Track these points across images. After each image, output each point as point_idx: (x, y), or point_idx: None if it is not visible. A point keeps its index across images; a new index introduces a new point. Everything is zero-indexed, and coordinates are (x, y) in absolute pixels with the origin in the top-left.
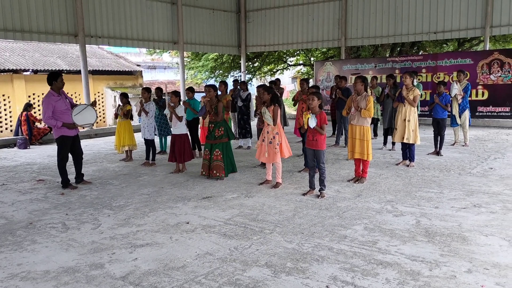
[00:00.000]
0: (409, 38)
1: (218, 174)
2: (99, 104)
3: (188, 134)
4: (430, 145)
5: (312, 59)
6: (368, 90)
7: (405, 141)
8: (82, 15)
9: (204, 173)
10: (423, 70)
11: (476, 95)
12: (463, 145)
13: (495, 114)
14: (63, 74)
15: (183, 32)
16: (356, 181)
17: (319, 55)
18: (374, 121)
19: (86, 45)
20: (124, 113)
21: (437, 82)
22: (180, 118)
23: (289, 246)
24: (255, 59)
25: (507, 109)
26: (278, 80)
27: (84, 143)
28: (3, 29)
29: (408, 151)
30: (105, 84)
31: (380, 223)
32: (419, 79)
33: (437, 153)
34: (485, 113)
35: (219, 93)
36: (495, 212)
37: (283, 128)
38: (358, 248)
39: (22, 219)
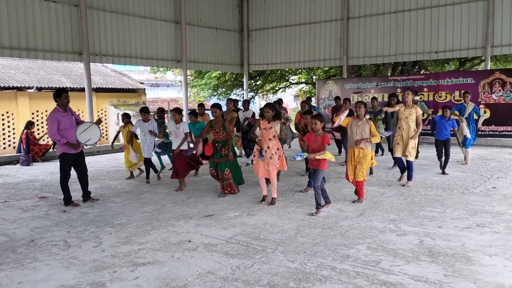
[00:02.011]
0: (411, 57)
1: (232, 192)
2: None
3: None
4: (432, 164)
5: (314, 77)
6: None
7: (404, 157)
8: (87, 34)
9: (226, 191)
10: (425, 89)
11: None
12: (463, 164)
13: (498, 133)
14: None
15: (187, 51)
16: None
17: (321, 73)
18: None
19: (90, 63)
20: (128, 138)
21: (442, 106)
22: (188, 135)
23: (292, 265)
24: (258, 77)
25: (510, 128)
26: (280, 99)
27: (86, 160)
28: (9, 47)
29: (406, 169)
30: (109, 101)
31: (383, 243)
32: (421, 98)
33: (443, 172)
34: (487, 132)
35: (224, 109)
36: (499, 232)
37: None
38: (361, 268)
39: (23, 237)
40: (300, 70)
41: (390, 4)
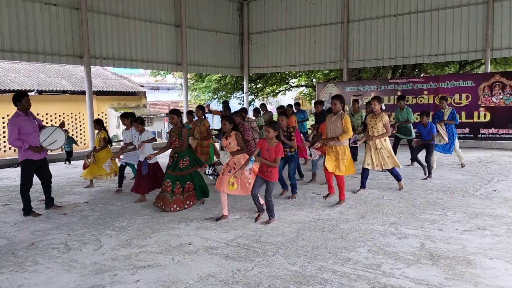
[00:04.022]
0: (411, 60)
1: (178, 208)
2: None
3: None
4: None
5: (314, 80)
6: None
7: (383, 168)
8: (87, 37)
9: (159, 204)
10: (425, 92)
11: (479, 117)
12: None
13: (498, 136)
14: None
15: (187, 54)
16: (327, 197)
17: (321, 76)
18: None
19: (91, 66)
20: (99, 145)
21: (420, 113)
22: (153, 140)
23: (292, 268)
24: (258, 80)
25: (510, 131)
26: (263, 105)
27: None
28: (10, 50)
29: (392, 174)
30: (109, 104)
31: (384, 246)
32: (420, 101)
33: (427, 178)
34: (487, 135)
35: (195, 118)
36: (500, 235)
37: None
38: (362, 271)
39: (24, 240)
40: (300, 73)
41: (390, 8)
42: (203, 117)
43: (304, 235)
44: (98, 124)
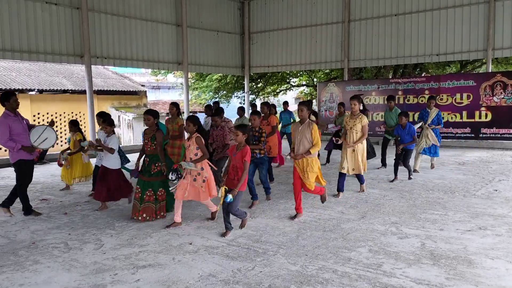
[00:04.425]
0: (412, 60)
1: (148, 218)
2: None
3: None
4: (427, 166)
5: (315, 80)
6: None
7: (354, 172)
8: (88, 36)
9: (134, 217)
10: (426, 92)
11: (480, 117)
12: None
13: (499, 135)
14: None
15: (188, 53)
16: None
17: (322, 76)
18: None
19: (92, 66)
20: (74, 148)
21: (399, 114)
22: (111, 151)
23: (293, 268)
24: (259, 80)
25: (511, 130)
26: (254, 105)
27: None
28: (11, 50)
29: (358, 179)
30: (110, 104)
31: (384, 246)
32: (421, 101)
33: (409, 177)
34: (488, 135)
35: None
36: (501, 235)
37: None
38: (362, 271)
39: (24, 239)
40: (301, 73)
41: (392, 7)
42: (177, 115)
43: (305, 235)
44: (74, 125)
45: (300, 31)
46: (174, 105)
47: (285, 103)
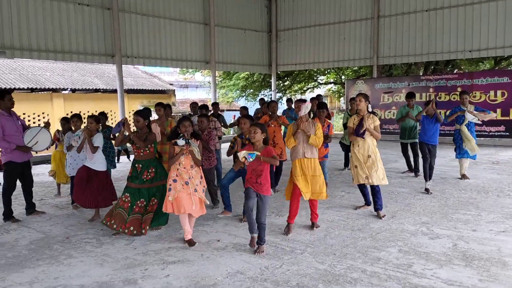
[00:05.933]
0: (443, 56)
1: (135, 231)
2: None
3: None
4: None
5: (343, 77)
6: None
7: (371, 183)
8: (119, 36)
9: (109, 223)
10: (458, 89)
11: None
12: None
13: None
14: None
15: (215, 52)
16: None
17: (350, 73)
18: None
19: (122, 65)
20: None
21: (425, 102)
22: (94, 150)
23: (321, 267)
24: (286, 78)
25: None
26: (262, 99)
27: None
28: (45, 50)
29: (373, 195)
30: (140, 102)
31: (415, 246)
32: (454, 98)
33: (427, 190)
34: None
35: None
36: None
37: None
38: (392, 271)
39: (59, 234)
40: (328, 70)
41: (422, 2)
42: (168, 116)
43: (332, 234)
44: (67, 122)
45: (328, 28)
46: (162, 106)
47: (289, 100)
